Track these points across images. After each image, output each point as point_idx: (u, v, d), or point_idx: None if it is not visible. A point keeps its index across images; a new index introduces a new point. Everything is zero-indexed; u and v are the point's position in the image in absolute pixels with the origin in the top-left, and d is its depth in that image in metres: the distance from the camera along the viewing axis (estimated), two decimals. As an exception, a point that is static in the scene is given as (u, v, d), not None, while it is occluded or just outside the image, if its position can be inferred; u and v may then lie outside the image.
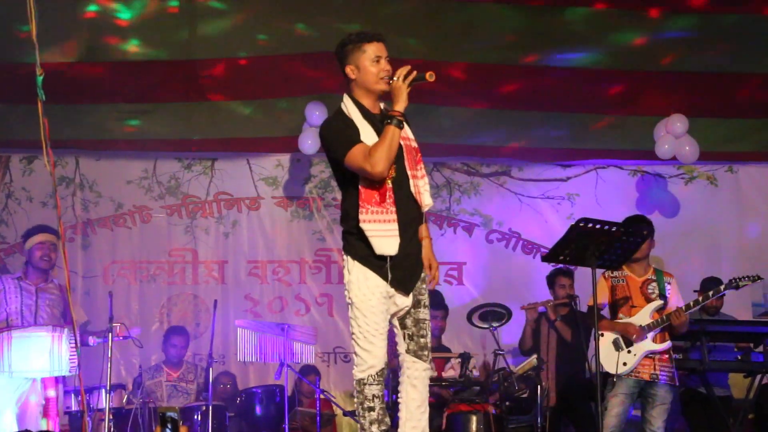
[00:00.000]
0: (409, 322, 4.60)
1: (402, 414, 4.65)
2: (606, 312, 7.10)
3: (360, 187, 4.49)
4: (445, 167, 10.05)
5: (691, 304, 6.89)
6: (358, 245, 4.53)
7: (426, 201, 4.63)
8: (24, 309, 7.37)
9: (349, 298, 4.56)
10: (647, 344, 6.76)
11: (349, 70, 4.62)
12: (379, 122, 4.53)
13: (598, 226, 6.03)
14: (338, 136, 4.56)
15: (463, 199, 10.11)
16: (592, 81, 8.36)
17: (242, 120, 9.22)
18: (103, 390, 7.23)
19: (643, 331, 6.79)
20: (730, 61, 8.03)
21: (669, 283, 7.04)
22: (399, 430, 4.65)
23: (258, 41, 7.72)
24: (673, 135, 8.90)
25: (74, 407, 7.48)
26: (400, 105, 4.44)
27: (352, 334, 4.58)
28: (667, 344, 6.86)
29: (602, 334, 6.91)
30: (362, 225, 4.47)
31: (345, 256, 4.61)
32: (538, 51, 7.96)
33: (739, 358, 7.44)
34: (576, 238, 6.10)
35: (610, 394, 6.79)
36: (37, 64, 3.45)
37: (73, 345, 6.64)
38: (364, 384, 4.52)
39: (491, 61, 7.99)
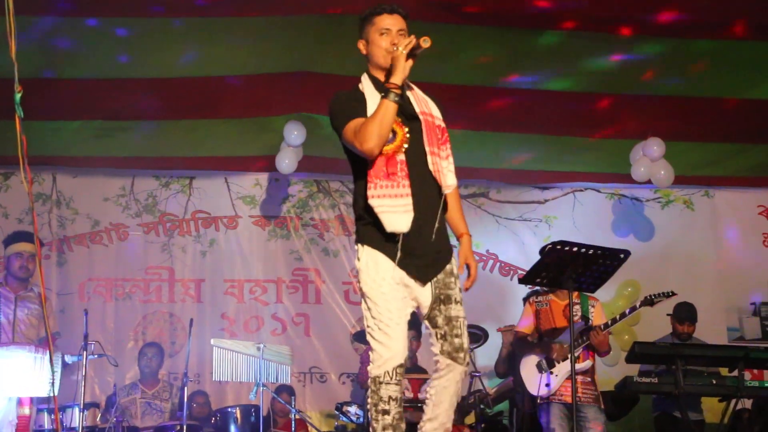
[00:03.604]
0: (440, 320, 4.22)
1: (427, 410, 4.33)
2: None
3: (369, 162, 4.15)
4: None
5: (609, 322, 6.89)
6: (367, 230, 4.20)
7: (448, 181, 4.26)
8: (2, 318, 7.30)
9: (360, 288, 4.21)
10: (569, 365, 6.71)
11: (361, 45, 4.39)
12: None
13: (575, 249, 6.05)
14: (340, 109, 4.30)
15: (440, 220, 10.11)
16: (571, 103, 8.39)
17: (220, 138, 9.20)
18: (77, 408, 7.17)
19: (565, 350, 6.80)
20: (707, 85, 8.09)
21: (593, 306, 7.08)
22: (420, 423, 4.34)
23: (237, 60, 7.71)
24: (649, 158, 8.95)
25: (47, 425, 7.40)
26: (396, 76, 4.11)
27: (367, 327, 4.19)
28: (587, 363, 6.86)
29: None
30: (371, 201, 4.10)
31: (356, 246, 4.28)
32: (517, 73, 8.00)
33: (714, 382, 7.45)
34: (553, 260, 6.12)
35: (549, 423, 6.79)
36: (15, 81, 3.44)
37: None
38: (380, 383, 4.10)
39: (470, 83, 8.02)
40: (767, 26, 7.04)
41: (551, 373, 6.83)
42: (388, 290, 4.14)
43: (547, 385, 6.81)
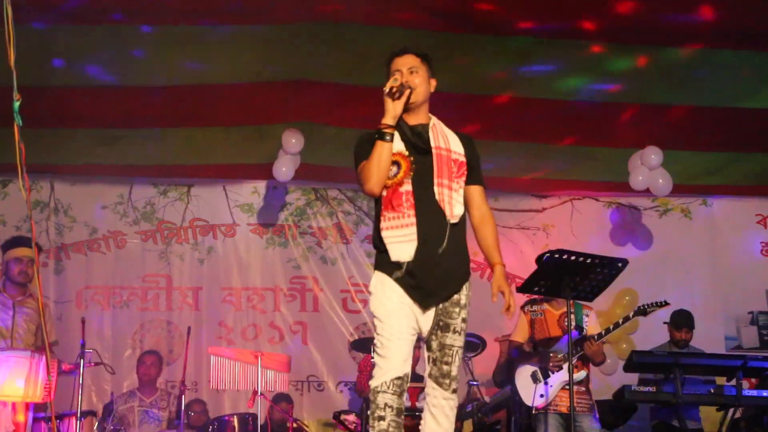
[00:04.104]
0: (434, 345, 4.35)
1: None
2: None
3: (381, 197, 4.37)
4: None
5: (603, 332, 6.89)
6: (380, 258, 4.39)
7: (455, 211, 4.38)
8: (0, 324, 7.28)
9: (371, 310, 4.39)
10: (563, 375, 6.69)
11: None
12: (414, 134, 4.41)
13: (573, 258, 6.04)
14: (356, 152, 4.48)
15: (438, 229, 10.10)
16: (569, 112, 8.39)
17: (219, 146, 9.20)
18: (74, 417, 7.15)
19: (559, 360, 6.80)
20: (705, 94, 8.10)
21: (587, 315, 7.07)
22: None
23: (235, 68, 7.72)
24: (647, 167, 8.95)
25: (44, 434, 7.39)
26: (385, 116, 4.30)
27: (373, 345, 4.34)
28: (581, 374, 6.85)
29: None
30: (382, 234, 4.33)
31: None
32: (516, 82, 8.00)
33: (712, 391, 7.45)
34: (551, 269, 6.11)
35: None
36: (14, 89, 3.44)
37: (51, 370, 6.57)
38: (377, 392, 4.22)
39: (468, 92, 8.02)
40: (764, 35, 7.05)
41: (546, 383, 6.83)
42: (392, 308, 4.29)
43: (542, 395, 6.80)
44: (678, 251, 10.38)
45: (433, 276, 4.31)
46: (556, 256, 6.05)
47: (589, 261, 6.08)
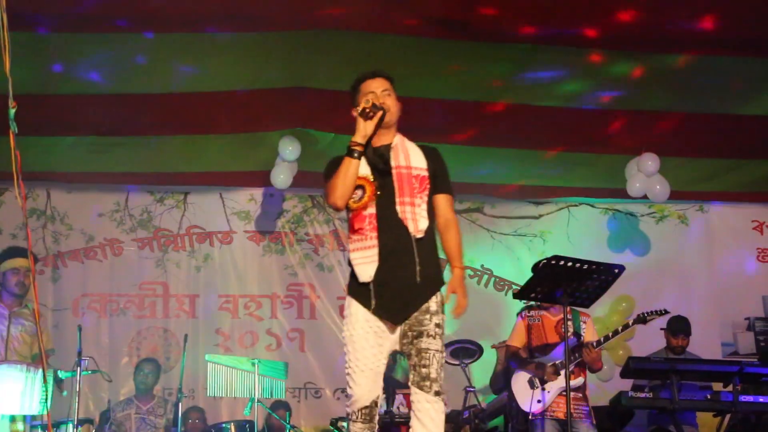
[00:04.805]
0: (412, 352, 4.43)
1: None
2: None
3: (348, 221, 4.55)
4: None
5: (602, 339, 6.90)
6: (351, 280, 4.56)
7: (420, 226, 4.46)
8: None
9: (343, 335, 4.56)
10: (561, 382, 6.70)
11: (354, 112, 4.57)
12: (376, 156, 4.55)
13: (569, 264, 6.04)
14: (325, 172, 4.61)
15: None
16: (565, 119, 8.39)
17: (215, 154, 9.20)
18: (71, 424, 7.14)
19: (556, 369, 6.81)
20: (701, 101, 8.10)
21: (584, 322, 7.09)
22: None
23: (232, 76, 7.72)
24: (644, 173, 8.95)
25: (41, 442, 7.37)
26: (356, 135, 4.45)
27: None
28: (580, 380, 6.87)
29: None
30: (350, 256, 4.49)
31: None
32: (513, 89, 8.00)
33: (709, 397, 7.45)
34: (548, 275, 6.11)
35: None
36: (9, 97, 3.44)
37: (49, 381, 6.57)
38: (350, 420, 4.49)
39: (466, 99, 8.03)
40: (760, 41, 7.05)
41: (543, 389, 6.83)
42: (357, 338, 4.53)
43: (539, 401, 6.80)
44: (675, 258, 10.39)
45: (398, 293, 4.42)
46: (553, 262, 6.04)
47: (585, 267, 6.07)
